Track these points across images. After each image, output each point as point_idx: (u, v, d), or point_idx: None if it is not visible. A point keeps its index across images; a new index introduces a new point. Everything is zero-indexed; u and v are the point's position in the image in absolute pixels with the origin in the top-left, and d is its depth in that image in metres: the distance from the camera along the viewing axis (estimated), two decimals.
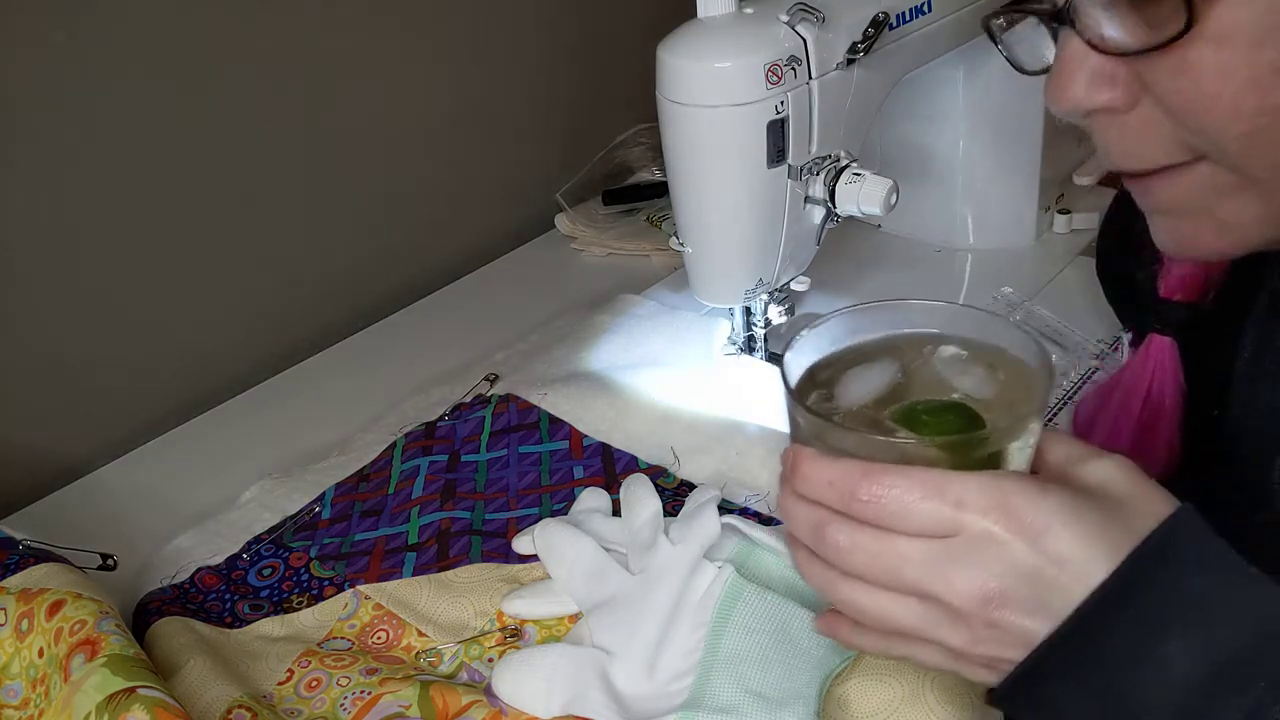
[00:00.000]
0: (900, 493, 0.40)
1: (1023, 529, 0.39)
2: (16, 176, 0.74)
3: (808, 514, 0.43)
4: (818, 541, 0.43)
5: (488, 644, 0.60)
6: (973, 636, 0.41)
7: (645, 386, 0.76)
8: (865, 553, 0.42)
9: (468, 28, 0.99)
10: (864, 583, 0.42)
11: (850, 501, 0.41)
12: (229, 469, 0.77)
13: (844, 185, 0.69)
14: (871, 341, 0.48)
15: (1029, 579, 0.39)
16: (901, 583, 0.41)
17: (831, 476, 0.42)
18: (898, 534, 0.41)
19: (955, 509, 0.40)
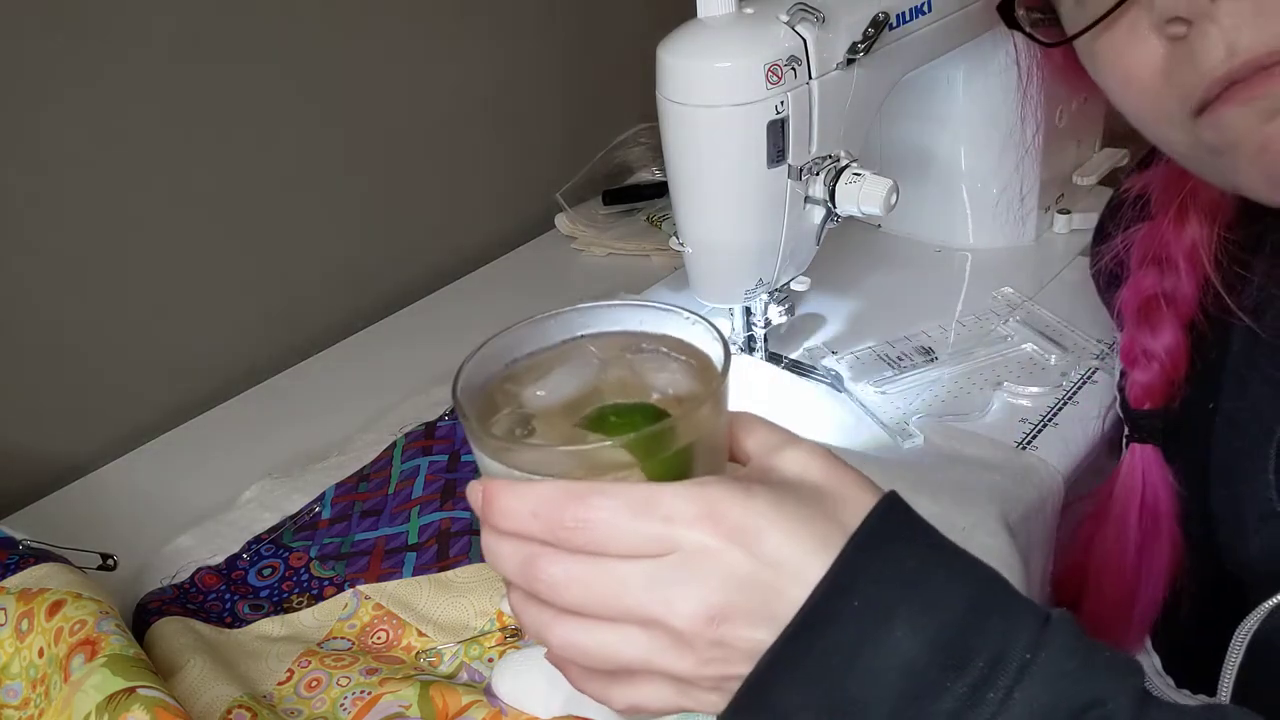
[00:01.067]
0: (608, 514, 0.37)
1: (734, 535, 0.37)
2: (16, 177, 0.74)
3: (514, 551, 0.39)
4: (529, 579, 0.39)
5: (488, 644, 0.60)
6: (699, 659, 0.38)
7: None
8: (580, 584, 0.38)
9: (467, 28, 0.99)
10: (581, 619, 0.39)
11: (557, 530, 0.38)
12: (229, 469, 0.77)
13: (844, 185, 0.69)
14: (545, 353, 0.46)
15: (748, 587, 0.37)
16: (622, 610, 0.38)
17: (532, 505, 0.38)
18: (611, 558, 0.38)
19: (665, 524, 0.37)
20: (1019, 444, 0.70)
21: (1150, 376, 0.58)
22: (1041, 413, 0.72)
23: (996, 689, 0.35)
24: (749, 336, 0.79)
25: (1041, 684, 0.35)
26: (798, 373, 0.78)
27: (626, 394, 0.43)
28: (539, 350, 0.46)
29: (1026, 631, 0.36)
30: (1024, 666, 0.35)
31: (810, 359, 0.80)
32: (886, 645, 0.36)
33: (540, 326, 0.46)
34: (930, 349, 0.79)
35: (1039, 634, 0.36)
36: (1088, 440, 0.70)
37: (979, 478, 0.65)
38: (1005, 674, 0.35)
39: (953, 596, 0.37)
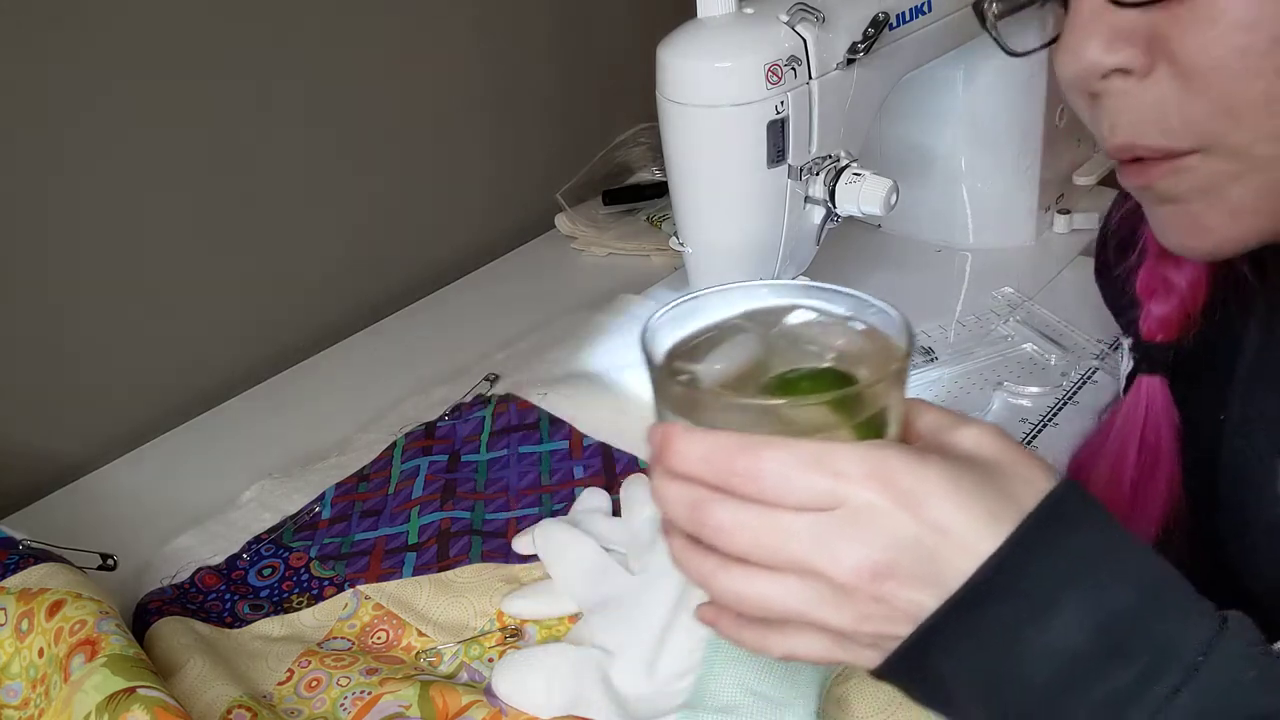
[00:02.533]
0: (779, 465, 0.39)
1: (903, 498, 0.38)
2: (16, 177, 0.74)
3: (683, 493, 0.41)
4: (696, 523, 0.40)
5: (488, 644, 0.60)
6: (858, 613, 0.39)
7: (645, 387, 0.76)
8: (746, 530, 0.39)
9: (467, 28, 0.99)
10: (744, 567, 0.40)
11: (728, 476, 0.39)
12: (229, 469, 0.77)
13: (844, 185, 0.69)
14: (731, 320, 0.47)
15: (912, 549, 0.38)
16: (786, 560, 0.39)
17: (706, 451, 0.40)
18: (779, 508, 0.39)
19: (835, 480, 0.38)
20: None
21: (1168, 309, 0.57)
22: (1041, 413, 0.72)
23: (1162, 684, 0.35)
24: None
25: (1213, 688, 0.35)
26: None
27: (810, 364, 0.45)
28: (727, 319, 0.47)
29: (1200, 632, 0.36)
30: (1194, 667, 0.35)
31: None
32: (1051, 628, 0.36)
33: (728, 295, 0.47)
34: (930, 349, 0.79)
35: (1214, 637, 0.36)
36: None
37: None
38: (1173, 672, 0.35)
39: (1124, 587, 0.37)
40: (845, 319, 0.46)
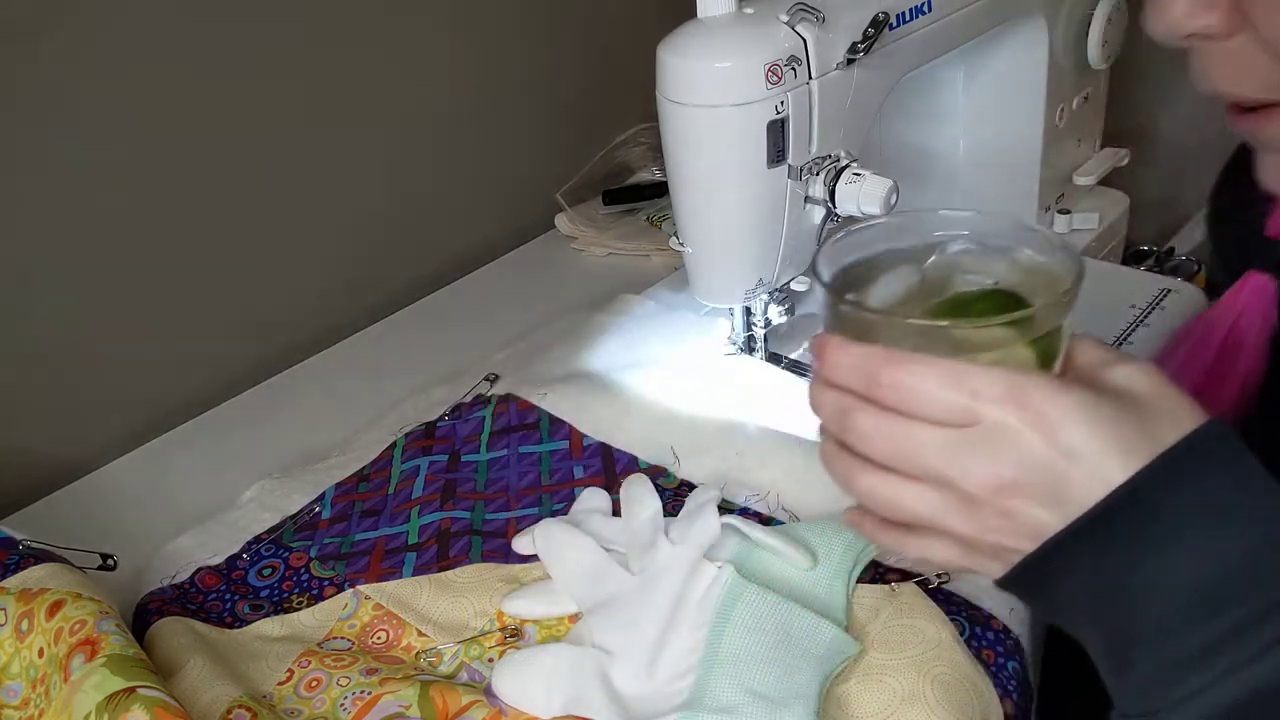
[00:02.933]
0: (919, 380, 0.41)
1: (1037, 421, 0.40)
2: (16, 177, 0.74)
3: (834, 400, 0.44)
4: (842, 428, 0.44)
5: (488, 644, 0.60)
6: (983, 525, 0.42)
7: (645, 386, 0.76)
8: (886, 438, 0.43)
9: (468, 28, 0.99)
10: (883, 472, 0.44)
11: (873, 386, 0.43)
12: (229, 469, 0.78)
13: (844, 185, 0.69)
14: (902, 247, 0.50)
15: (1041, 470, 0.40)
16: (919, 469, 0.42)
17: (855, 361, 0.43)
18: (917, 421, 0.42)
19: (971, 398, 0.41)
20: None
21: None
22: None
23: (1271, 630, 0.37)
24: (749, 336, 0.79)
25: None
26: (798, 373, 0.78)
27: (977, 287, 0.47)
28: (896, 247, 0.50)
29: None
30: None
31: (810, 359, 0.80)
32: (1172, 563, 0.38)
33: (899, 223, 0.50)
34: None
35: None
36: None
37: None
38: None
39: (1252, 531, 0.38)
40: (1009, 248, 0.48)
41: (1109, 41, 0.88)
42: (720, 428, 0.72)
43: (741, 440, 0.70)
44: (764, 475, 0.68)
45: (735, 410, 0.73)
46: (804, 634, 0.54)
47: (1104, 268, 0.90)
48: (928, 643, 0.54)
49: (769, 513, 0.66)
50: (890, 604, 0.57)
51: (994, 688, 0.54)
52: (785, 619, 0.55)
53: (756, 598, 0.56)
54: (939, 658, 0.54)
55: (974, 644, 0.56)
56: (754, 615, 0.55)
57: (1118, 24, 0.89)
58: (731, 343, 0.80)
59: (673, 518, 0.63)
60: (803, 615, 0.55)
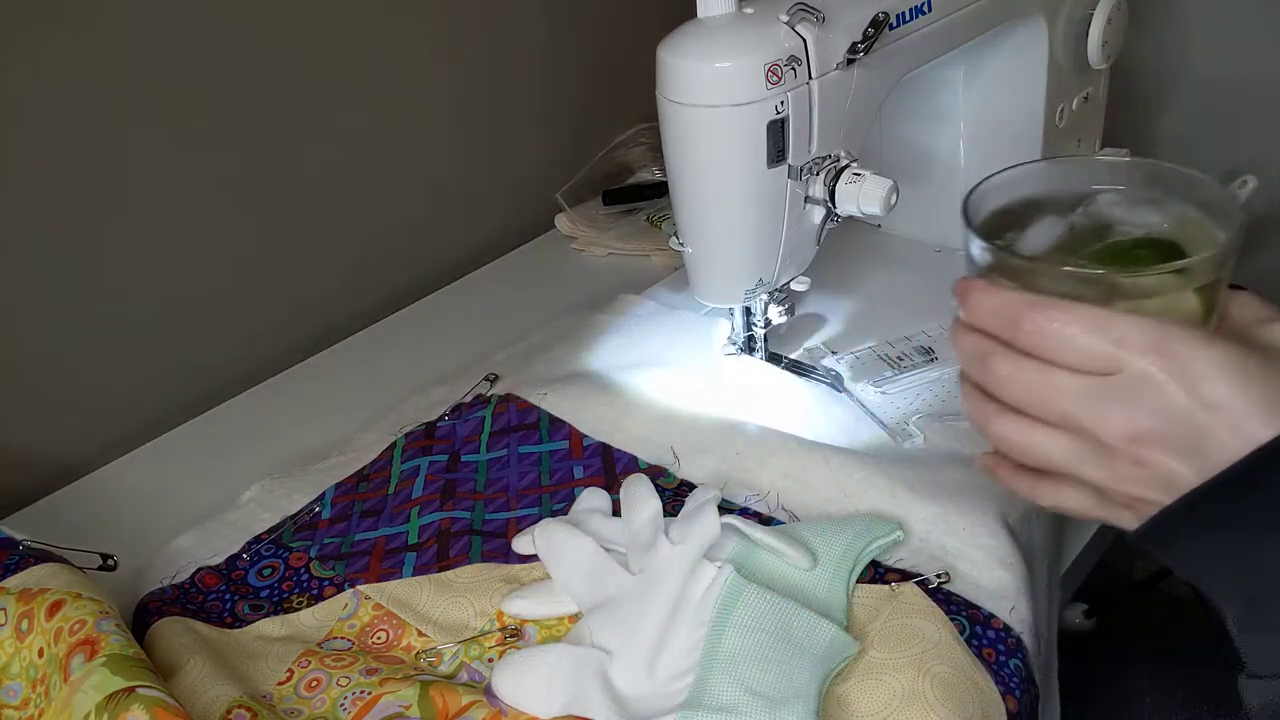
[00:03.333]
0: (1061, 325, 0.41)
1: (1180, 373, 0.40)
2: (16, 177, 0.74)
3: (974, 344, 0.45)
4: (981, 371, 0.44)
5: (488, 644, 0.60)
6: (1117, 473, 0.42)
7: (645, 386, 0.76)
8: (1023, 384, 0.43)
9: (467, 28, 0.99)
10: (1019, 417, 0.44)
11: (1014, 331, 0.43)
12: (229, 469, 0.77)
13: (844, 185, 0.69)
14: (1050, 194, 0.49)
15: (1181, 422, 0.40)
16: (1056, 415, 0.42)
17: (998, 305, 0.43)
18: (1057, 367, 0.42)
19: (1115, 346, 0.41)
20: None
21: None
22: None
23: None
24: (749, 336, 0.79)
25: None
26: (798, 373, 0.78)
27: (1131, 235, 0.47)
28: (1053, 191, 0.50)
29: None
30: None
31: (810, 359, 0.80)
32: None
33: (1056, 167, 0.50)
34: (930, 349, 0.79)
35: None
36: None
37: (979, 478, 0.65)
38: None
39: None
40: (1160, 199, 0.47)
41: (1109, 41, 0.88)
42: (720, 428, 0.72)
43: (741, 440, 0.70)
44: (764, 475, 0.68)
45: (735, 410, 0.73)
46: (804, 634, 0.54)
47: None
48: (928, 642, 0.54)
49: (769, 513, 0.66)
50: (890, 604, 0.57)
51: (995, 686, 0.54)
52: (785, 619, 0.55)
53: (756, 598, 0.56)
54: (939, 657, 0.54)
55: (974, 643, 0.56)
56: (754, 615, 0.55)
57: (1118, 24, 0.89)
58: (731, 343, 0.80)
59: (673, 518, 0.63)
60: (803, 615, 0.55)
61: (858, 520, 0.62)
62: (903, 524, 0.62)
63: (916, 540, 0.62)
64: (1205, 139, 1.10)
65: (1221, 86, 1.08)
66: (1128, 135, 1.00)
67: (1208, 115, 1.10)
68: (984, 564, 0.60)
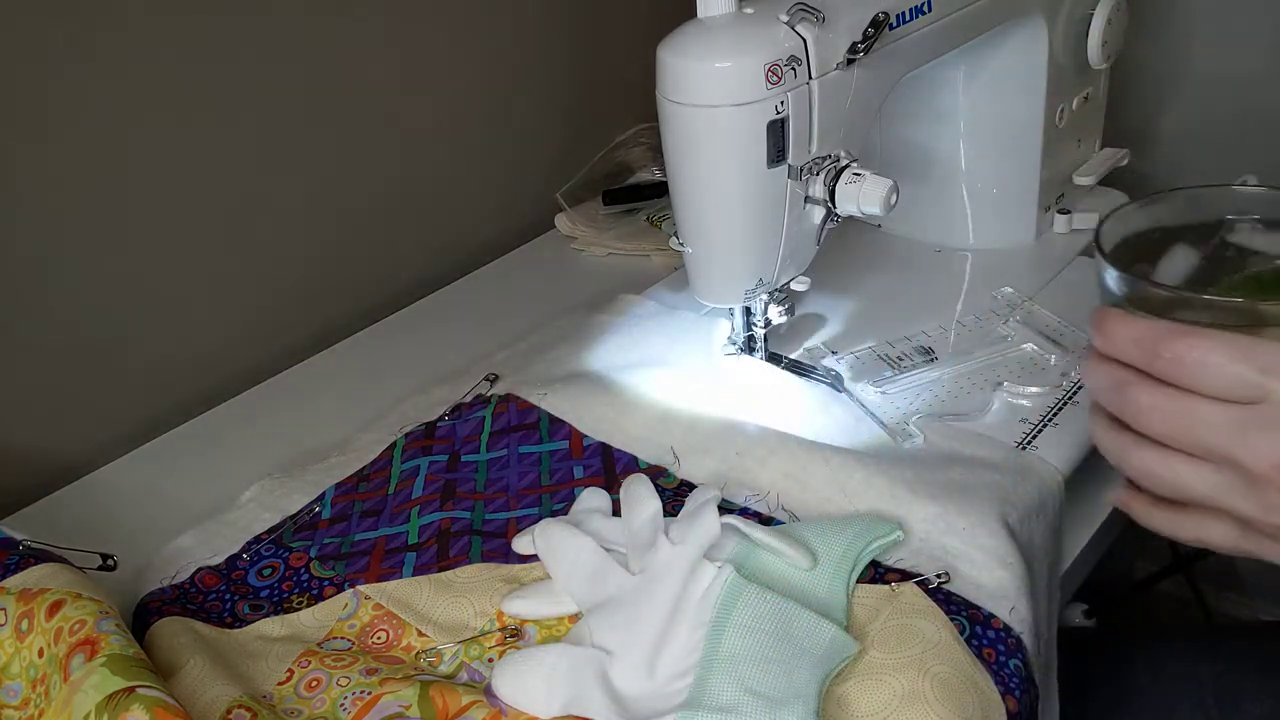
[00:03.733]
0: (1204, 353, 0.41)
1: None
2: (16, 177, 0.74)
3: (1110, 373, 0.44)
4: (1118, 402, 0.44)
5: (488, 644, 0.60)
6: (1266, 504, 0.41)
7: (645, 386, 0.76)
8: (1164, 414, 0.42)
9: (467, 28, 0.99)
10: (1160, 449, 0.43)
11: (1153, 360, 0.42)
12: (229, 469, 0.77)
13: (844, 185, 0.69)
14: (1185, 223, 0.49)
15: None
16: (1200, 445, 0.42)
17: (1137, 334, 0.43)
18: (1199, 397, 0.41)
19: (1262, 374, 0.40)
20: (1019, 444, 0.70)
21: None
22: (1041, 413, 0.72)
23: None
24: (749, 336, 0.79)
25: None
26: (798, 373, 0.78)
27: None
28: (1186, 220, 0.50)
29: None
30: None
31: (810, 359, 0.80)
32: None
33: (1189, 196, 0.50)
34: (930, 349, 0.79)
35: None
36: (1088, 440, 0.70)
37: (979, 478, 0.65)
38: None
39: None
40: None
41: (1109, 41, 0.88)
42: (720, 428, 0.72)
43: (741, 440, 0.70)
44: (764, 475, 0.68)
45: (735, 410, 0.73)
46: (804, 634, 0.54)
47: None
48: (928, 642, 0.54)
49: (769, 513, 0.66)
50: (890, 604, 0.57)
51: (995, 686, 0.54)
52: (785, 619, 0.55)
53: (756, 598, 0.56)
54: (939, 657, 0.54)
55: (974, 643, 0.56)
56: (754, 615, 0.55)
57: (1118, 24, 0.89)
58: (731, 343, 0.80)
59: (673, 518, 0.63)
60: (803, 615, 0.55)
61: (858, 520, 0.62)
62: (903, 524, 0.62)
63: (916, 540, 0.62)
64: (1205, 139, 1.10)
65: (1221, 86, 1.08)
66: (1128, 135, 1.00)
67: (1208, 115, 1.10)
68: (984, 564, 0.60)
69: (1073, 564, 0.68)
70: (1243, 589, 1.39)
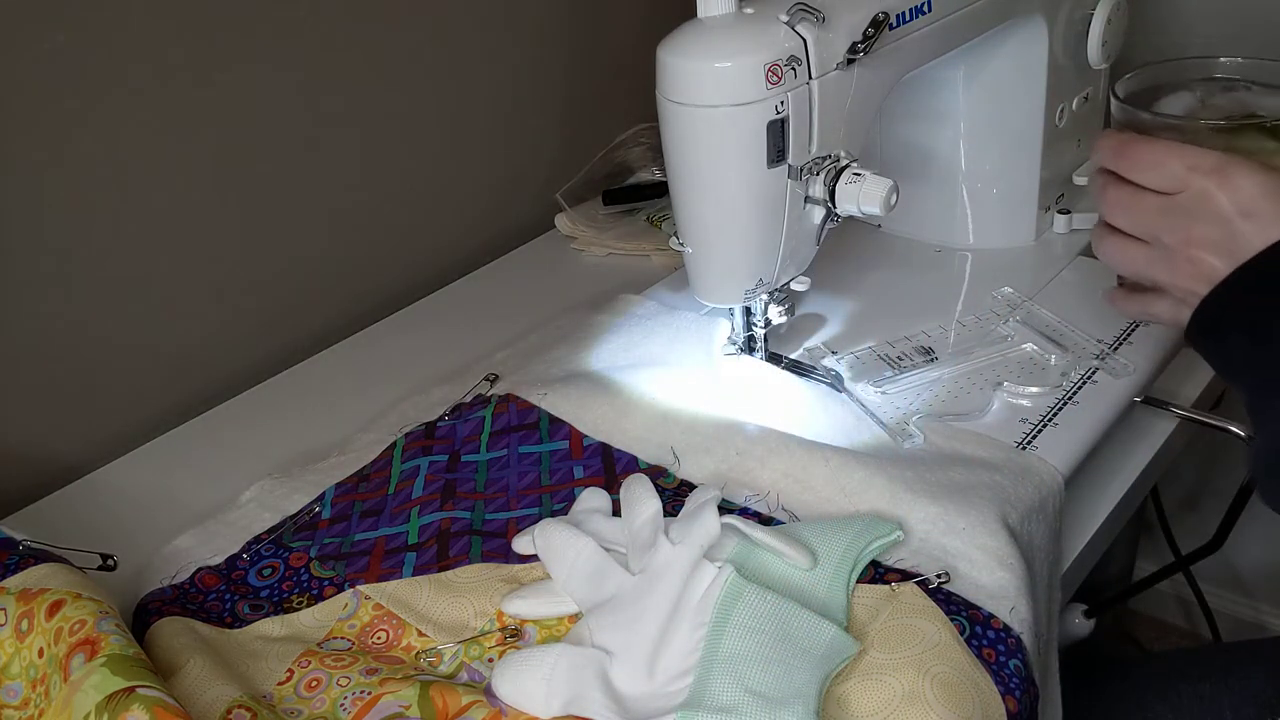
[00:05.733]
0: (1149, 153, 0.53)
1: (1232, 191, 0.50)
2: (15, 176, 0.74)
3: (1098, 179, 0.58)
4: (1100, 201, 0.58)
5: (488, 644, 0.60)
6: (1175, 270, 0.53)
7: (645, 386, 0.76)
8: (1122, 205, 0.56)
9: (467, 27, 0.99)
10: (1121, 235, 0.57)
11: (1118, 161, 0.55)
12: (229, 469, 0.78)
13: (844, 185, 0.69)
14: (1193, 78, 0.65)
15: (1221, 225, 0.51)
16: (1140, 228, 0.55)
17: (1112, 144, 0.56)
18: (1145, 190, 0.54)
19: (1187, 170, 0.52)
20: (1019, 444, 0.70)
21: None
22: (1041, 413, 0.72)
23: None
24: (749, 336, 0.79)
25: None
26: (798, 373, 0.78)
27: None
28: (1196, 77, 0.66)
29: None
30: None
31: (810, 359, 0.80)
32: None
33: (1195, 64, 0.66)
34: (930, 349, 0.79)
35: None
36: (1088, 440, 0.70)
37: (979, 478, 0.65)
38: None
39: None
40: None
41: (1109, 41, 0.88)
42: (720, 428, 0.72)
43: (741, 440, 0.70)
44: (764, 475, 0.68)
45: (735, 410, 0.73)
46: (804, 634, 0.54)
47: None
48: (928, 642, 0.54)
49: (769, 513, 0.66)
50: (890, 604, 0.57)
51: (995, 686, 0.54)
52: (785, 619, 0.55)
53: (756, 598, 0.56)
54: (939, 657, 0.54)
55: (974, 643, 0.56)
56: (754, 615, 0.55)
57: (1118, 24, 0.89)
58: (731, 343, 0.80)
59: (673, 518, 0.63)
60: (803, 615, 0.55)
61: (858, 520, 0.62)
62: (903, 524, 0.62)
63: (916, 540, 0.62)
64: None
65: None
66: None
67: None
68: (984, 564, 0.60)
69: (1073, 564, 0.68)
70: (1243, 589, 1.39)
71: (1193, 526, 1.12)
